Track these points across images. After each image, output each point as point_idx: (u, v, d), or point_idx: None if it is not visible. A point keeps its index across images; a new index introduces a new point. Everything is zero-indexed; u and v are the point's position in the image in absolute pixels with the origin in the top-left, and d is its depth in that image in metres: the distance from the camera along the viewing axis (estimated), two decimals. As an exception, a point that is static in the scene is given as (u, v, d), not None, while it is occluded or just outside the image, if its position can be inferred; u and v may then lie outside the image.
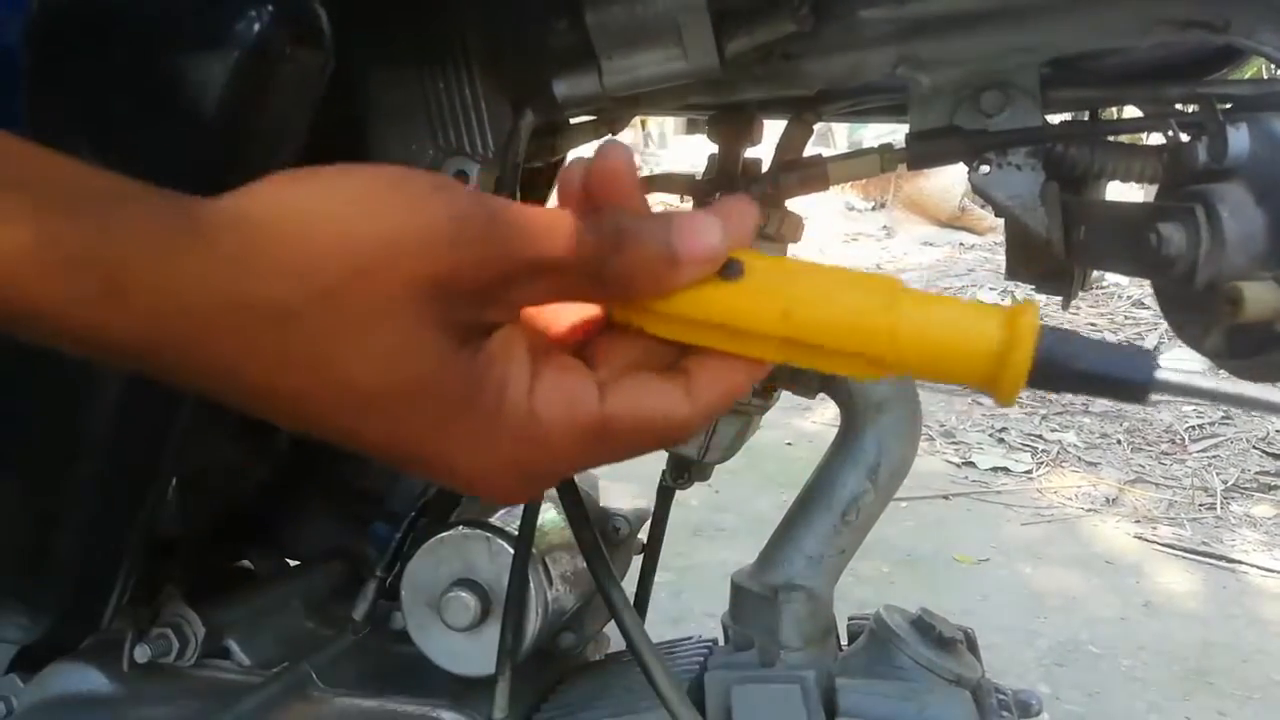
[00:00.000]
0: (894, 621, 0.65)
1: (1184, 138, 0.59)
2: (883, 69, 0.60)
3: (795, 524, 0.68)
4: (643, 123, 8.23)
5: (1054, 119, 0.65)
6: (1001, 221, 0.66)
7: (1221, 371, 0.60)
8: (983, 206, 7.33)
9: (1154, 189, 0.62)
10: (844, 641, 0.72)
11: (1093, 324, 4.87)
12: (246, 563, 0.87)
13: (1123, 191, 0.75)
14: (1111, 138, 0.64)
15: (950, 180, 7.14)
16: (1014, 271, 0.71)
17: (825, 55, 0.60)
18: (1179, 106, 0.61)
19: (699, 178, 0.79)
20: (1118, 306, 5.07)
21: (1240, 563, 2.63)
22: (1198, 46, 0.62)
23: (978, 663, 0.67)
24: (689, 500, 2.64)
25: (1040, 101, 0.60)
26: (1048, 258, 0.63)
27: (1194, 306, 0.57)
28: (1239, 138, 0.53)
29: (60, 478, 0.63)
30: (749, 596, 0.67)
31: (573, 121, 0.70)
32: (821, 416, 3.51)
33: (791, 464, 2.88)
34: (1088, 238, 0.60)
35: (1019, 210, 0.61)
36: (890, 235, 7.21)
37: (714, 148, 0.79)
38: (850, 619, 0.73)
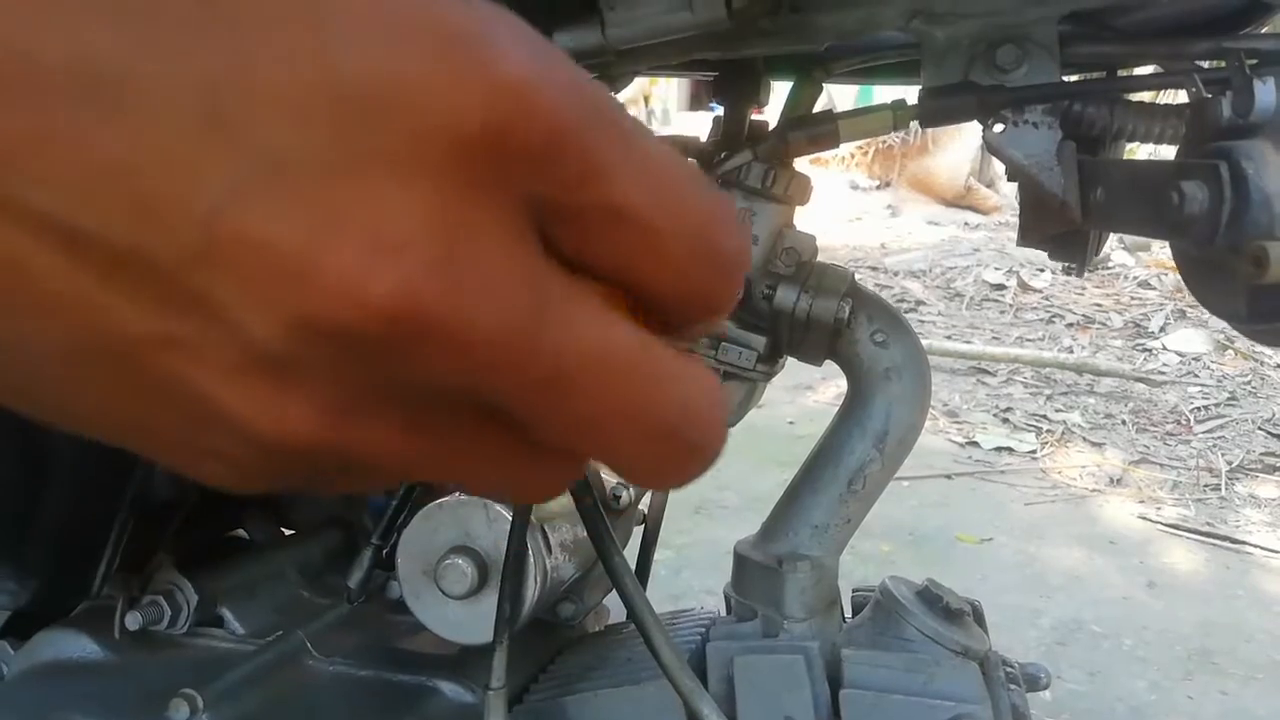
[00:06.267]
0: (900, 592, 0.64)
1: (1207, 94, 0.57)
2: (895, 22, 0.58)
3: (800, 493, 0.66)
4: (646, 98, 8.18)
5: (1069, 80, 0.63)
6: (1007, 202, 0.65)
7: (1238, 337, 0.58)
8: (989, 186, 7.32)
9: (1172, 154, 0.60)
10: (848, 614, 0.71)
11: (1098, 305, 4.85)
12: (241, 531, 0.86)
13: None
14: (1131, 96, 0.62)
15: (956, 159, 7.10)
16: (1027, 236, 0.69)
17: (836, 8, 0.58)
18: (1201, 63, 0.59)
19: (703, 140, 0.77)
20: (1123, 287, 5.05)
21: (1244, 543, 2.62)
22: (1222, 2, 0.60)
23: (985, 635, 0.65)
24: (690, 478, 2.63)
25: (1058, 58, 0.58)
26: (1063, 221, 0.61)
27: (1215, 268, 0.55)
28: (1265, 92, 0.51)
29: (48, 439, 0.62)
30: (752, 566, 0.66)
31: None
32: (824, 395, 3.50)
33: (794, 442, 2.87)
34: (1105, 199, 0.58)
35: (1035, 170, 0.59)
36: (895, 215, 7.18)
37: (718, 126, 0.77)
38: (855, 590, 0.72)
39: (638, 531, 0.84)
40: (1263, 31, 0.60)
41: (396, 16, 0.17)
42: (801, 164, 0.67)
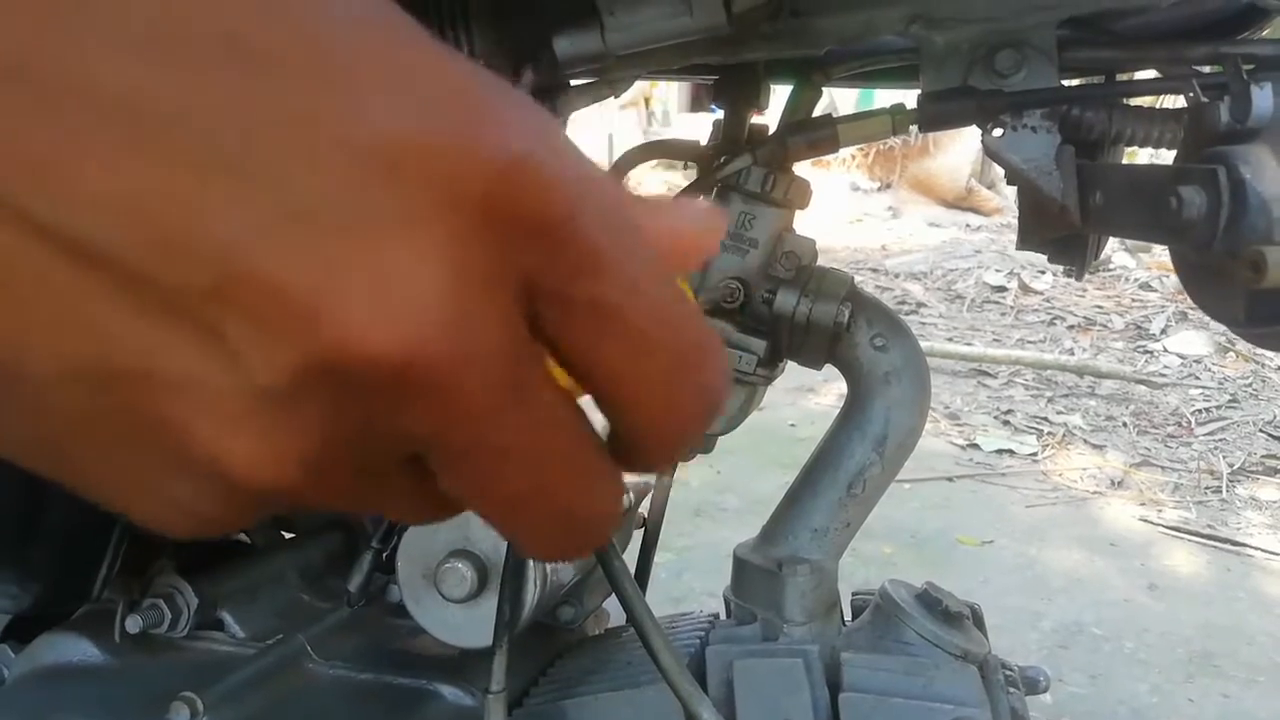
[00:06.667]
0: (899, 596, 0.64)
1: (1205, 99, 0.57)
2: (895, 26, 0.58)
3: (800, 497, 0.67)
4: (646, 100, 8.18)
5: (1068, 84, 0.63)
6: (1008, 203, 0.65)
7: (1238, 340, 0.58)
8: (990, 187, 7.32)
9: (1171, 158, 0.60)
10: (848, 617, 0.71)
11: (1099, 306, 4.85)
12: (242, 535, 0.86)
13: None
14: (1130, 101, 0.62)
15: (957, 161, 7.10)
16: (1026, 240, 0.70)
17: (836, 12, 0.58)
18: (1200, 68, 0.59)
19: (703, 144, 0.77)
20: (1125, 289, 5.04)
21: (1245, 545, 2.62)
22: (1220, 7, 0.60)
23: (984, 638, 0.65)
24: (690, 481, 2.63)
25: (1057, 62, 0.59)
26: (1061, 225, 0.61)
27: (1214, 273, 0.55)
28: (1263, 97, 0.51)
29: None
30: (752, 570, 0.66)
31: (573, 83, 0.68)
32: (825, 398, 3.50)
33: (794, 445, 2.87)
34: (1104, 203, 0.58)
35: (1033, 174, 0.59)
36: (896, 216, 7.18)
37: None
38: (855, 594, 0.72)
39: (638, 534, 0.84)
40: (1260, 37, 0.60)
41: (425, 84, 0.18)
42: (803, 165, 0.68)
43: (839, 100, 4.28)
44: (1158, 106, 0.68)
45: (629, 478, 0.81)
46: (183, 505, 0.20)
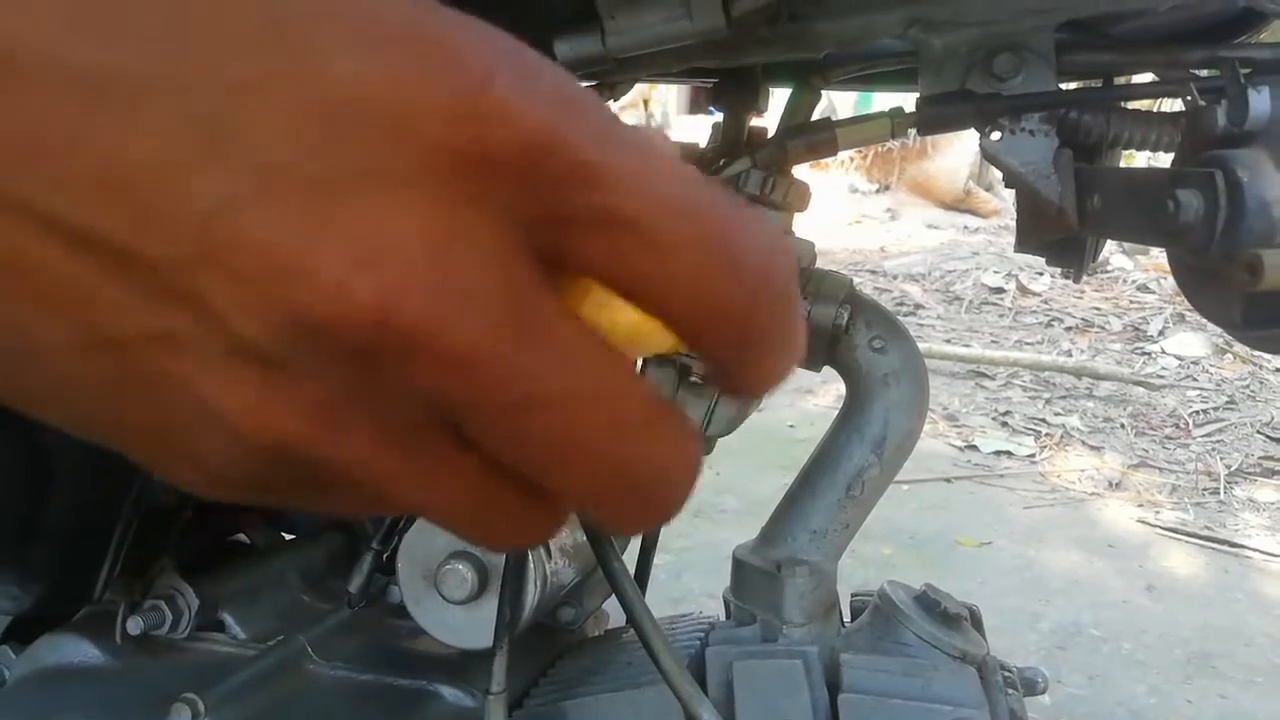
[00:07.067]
0: (898, 597, 0.64)
1: (1202, 103, 0.57)
2: (893, 30, 0.59)
3: (799, 498, 0.67)
4: (645, 102, 8.19)
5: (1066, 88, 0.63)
6: (1006, 206, 0.65)
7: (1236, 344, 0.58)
8: (988, 189, 7.31)
9: (1169, 161, 0.60)
10: (847, 618, 0.71)
11: (1097, 308, 4.85)
12: (243, 536, 0.86)
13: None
14: (1127, 104, 0.62)
15: (955, 163, 7.11)
16: (1024, 243, 0.70)
17: (834, 16, 0.59)
18: (1197, 71, 0.60)
19: (702, 147, 0.77)
20: (1122, 290, 5.05)
21: (1243, 547, 2.63)
22: (1217, 11, 0.61)
23: (983, 639, 0.66)
24: (690, 481, 2.63)
25: (1055, 66, 0.59)
26: (1059, 227, 0.62)
27: (1211, 276, 0.55)
28: (1260, 101, 0.52)
29: (52, 444, 0.62)
30: (751, 571, 0.66)
31: (574, 86, 0.69)
32: (824, 399, 3.50)
33: (793, 446, 2.88)
34: (1102, 206, 0.59)
35: (1031, 178, 0.59)
36: (895, 218, 7.19)
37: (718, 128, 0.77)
38: (854, 595, 0.72)
39: (637, 536, 0.85)
40: (1257, 40, 0.60)
41: (385, 32, 0.18)
42: (801, 167, 0.68)
43: (838, 103, 4.28)
44: (1155, 110, 0.68)
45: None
46: (204, 461, 0.20)
